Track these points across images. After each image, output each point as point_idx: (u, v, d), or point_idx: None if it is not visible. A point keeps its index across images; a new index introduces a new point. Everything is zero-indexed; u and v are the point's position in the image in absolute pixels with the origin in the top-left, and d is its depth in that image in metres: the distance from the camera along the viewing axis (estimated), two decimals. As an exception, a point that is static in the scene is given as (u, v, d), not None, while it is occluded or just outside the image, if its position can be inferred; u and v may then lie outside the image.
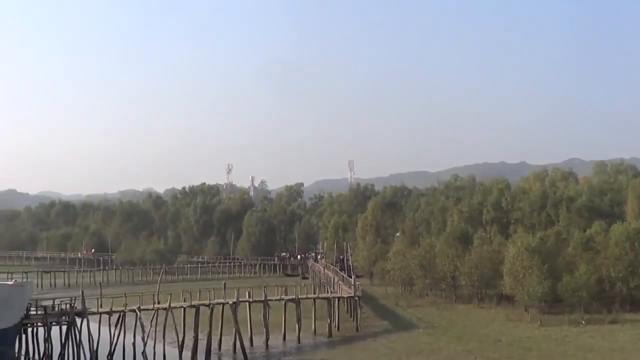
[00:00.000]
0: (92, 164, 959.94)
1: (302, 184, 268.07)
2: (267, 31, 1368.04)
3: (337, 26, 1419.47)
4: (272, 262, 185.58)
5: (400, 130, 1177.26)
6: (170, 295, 70.41)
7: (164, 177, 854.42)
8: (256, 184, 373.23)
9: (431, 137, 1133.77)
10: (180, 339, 67.40)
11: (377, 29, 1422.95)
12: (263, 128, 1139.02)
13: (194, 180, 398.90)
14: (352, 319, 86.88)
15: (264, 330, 74.36)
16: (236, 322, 70.30)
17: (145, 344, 65.08)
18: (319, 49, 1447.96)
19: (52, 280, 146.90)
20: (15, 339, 53.00)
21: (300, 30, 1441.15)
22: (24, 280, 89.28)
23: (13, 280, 56.01)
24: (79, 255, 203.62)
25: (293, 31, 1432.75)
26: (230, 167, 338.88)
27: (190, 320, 69.54)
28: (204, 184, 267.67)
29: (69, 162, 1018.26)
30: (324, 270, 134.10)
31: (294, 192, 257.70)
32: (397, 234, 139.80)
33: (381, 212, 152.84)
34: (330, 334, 79.69)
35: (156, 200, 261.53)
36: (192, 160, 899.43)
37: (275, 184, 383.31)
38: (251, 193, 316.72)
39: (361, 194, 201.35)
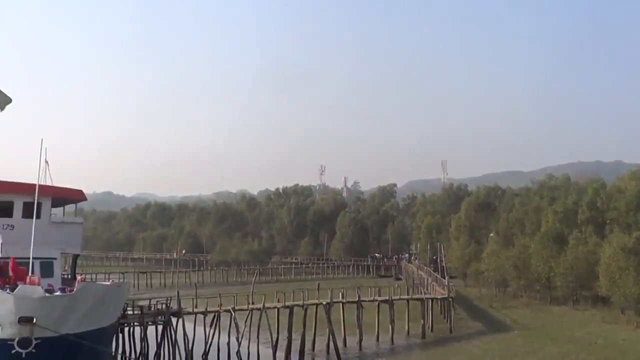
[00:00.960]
0: (187, 166, 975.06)
1: (394, 185, 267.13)
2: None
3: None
4: (365, 263, 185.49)
5: (492, 130, 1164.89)
6: (265, 295, 70.70)
7: (257, 179, 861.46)
8: (349, 185, 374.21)
9: (524, 136, 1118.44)
10: (274, 340, 67.63)
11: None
12: (355, 129, 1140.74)
13: (287, 181, 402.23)
14: (445, 320, 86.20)
15: (357, 331, 74.17)
16: (330, 322, 70.31)
17: (239, 344, 65.57)
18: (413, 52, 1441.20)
19: (149, 281, 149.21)
20: (113, 338, 53.91)
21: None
22: (121, 280, 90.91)
23: (110, 281, 57.12)
24: (174, 256, 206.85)
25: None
26: (323, 168, 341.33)
27: (284, 321, 69.81)
28: (297, 185, 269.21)
29: (165, 164, 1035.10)
30: (417, 271, 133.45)
31: (387, 192, 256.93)
32: (491, 235, 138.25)
33: (474, 212, 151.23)
34: (423, 336, 79.17)
35: (250, 201, 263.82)
36: (285, 161, 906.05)
37: (368, 184, 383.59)
38: (344, 194, 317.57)
39: (454, 194, 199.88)
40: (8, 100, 60.08)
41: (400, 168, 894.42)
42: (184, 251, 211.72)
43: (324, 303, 72.50)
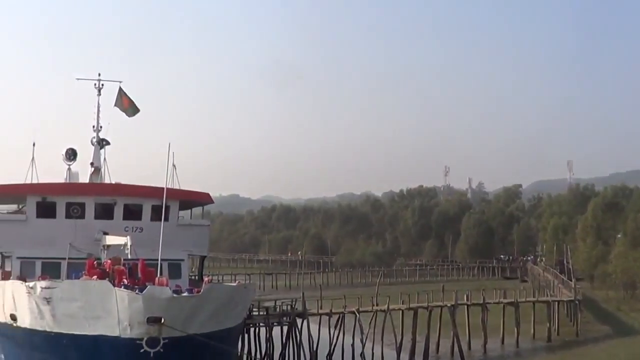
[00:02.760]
0: (312, 169, 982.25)
1: (520, 185, 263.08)
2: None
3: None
4: (490, 265, 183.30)
5: (619, 129, 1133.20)
6: (389, 297, 70.71)
7: (381, 181, 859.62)
8: (473, 186, 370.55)
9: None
10: (398, 342, 67.60)
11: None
12: (479, 129, 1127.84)
13: (411, 182, 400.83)
14: (572, 323, 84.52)
15: (482, 333, 73.61)
16: (454, 325, 69.90)
17: (363, 346, 65.76)
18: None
19: (274, 282, 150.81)
20: (238, 339, 54.85)
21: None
22: (247, 281, 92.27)
23: (237, 282, 58.01)
24: (299, 258, 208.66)
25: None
26: (447, 169, 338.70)
27: (408, 323, 69.71)
28: (421, 186, 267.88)
29: (290, 167, 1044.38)
30: (543, 273, 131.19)
31: (512, 193, 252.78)
32: (619, 236, 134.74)
33: (602, 212, 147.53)
34: (549, 339, 77.87)
35: (374, 203, 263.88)
36: (409, 163, 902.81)
37: (493, 185, 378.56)
38: (469, 195, 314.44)
39: (580, 195, 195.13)
40: (136, 111, 62.02)
41: (526, 168, 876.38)
42: (299, 252, 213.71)
43: (449, 305, 72.09)
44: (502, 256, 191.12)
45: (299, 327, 63.80)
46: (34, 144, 61.92)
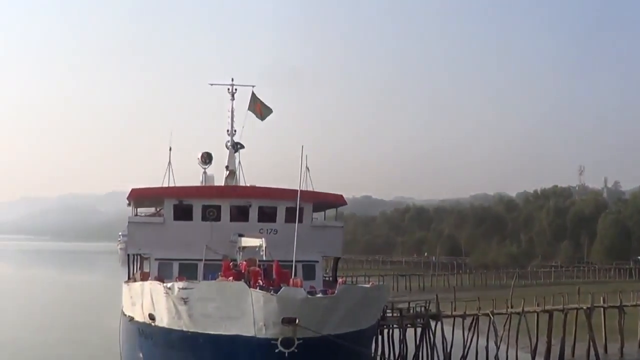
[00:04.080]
0: (444, 169, 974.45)
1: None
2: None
3: None
4: (628, 267, 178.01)
5: None
6: (524, 299, 69.63)
7: (515, 180, 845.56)
8: (609, 185, 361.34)
9: None
10: (533, 344, 66.59)
11: None
12: (612, 126, 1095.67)
13: (544, 182, 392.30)
14: None
15: (619, 337, 71.66)
16: (590, 328, 68.30)
17: (497, 348, 64.96)
18: None
19: (407, 284, 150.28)
20: (372, 340, 54.90)
21: None
22: (381, 283, 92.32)
23: (370, 283, 58.17)
24: (433, 259, 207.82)
25: None
26: (582, 168, 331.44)
27: (543, 326, 68.55)
28: (556, 186, 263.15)
29: (423, 168, 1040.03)
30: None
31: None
32: None
33: None
34: (691, 343, 75.34)
35: (508, 203, 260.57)
36: (542, 162, 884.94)
37: (630, 184, 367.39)
38: (604, 194, 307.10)
39: None
40: (269, 112, 63.00)
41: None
42: (425, 254, 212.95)
43: (585, 308, 70.47)
44: (639, 257, 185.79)
45: (433, 329, 63.58)
46: (170, 149, 63.66)
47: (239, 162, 63.84)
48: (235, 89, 62.37)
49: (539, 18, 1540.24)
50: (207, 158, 63.03)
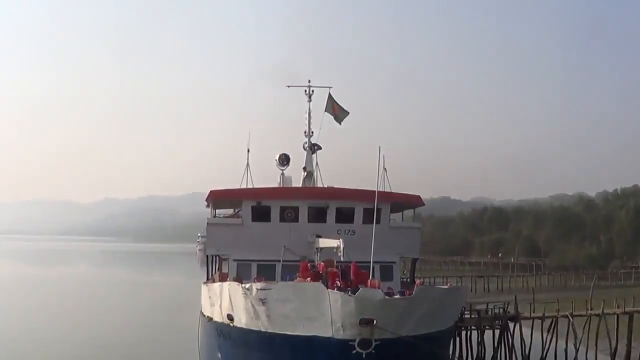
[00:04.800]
0: (521, 169, 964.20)
1: None
2: None
3: None
4: None
5: None
6: (603, 301, 68.43)
7: (594, 180, 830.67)
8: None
9: None
10: (613, 347, 65.47)
11: None
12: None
13: (625, 182, 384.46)
14: None
15: None
16: (671, 331, 67.08)
17: (577, 351, 63.98)
18: None
19: (486, 285, 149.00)
20: (450, 342, 54.73)
21: None
22: (459, 284, 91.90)
23: (448, 284, 57.97)
24: (512, 260, 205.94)
25: None
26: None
27: (623, 328, 67.29)
28: (636, 185, 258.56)
29: (500, 167, 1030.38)
30: None
31: None
32: None
33: None
34: None
35: (588, 203, 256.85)
36: (623, 161, 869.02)
37: None
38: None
39: None
40: (346, 114, 63.26)
41: None
42: (499, 255, 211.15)
43: (667, 309, 69.09)
44: None
45: (511, 330, 63.06)
46: (248, 150, 64.27)
47: (317, 163, 64.30)
48: (312, 90, 62.88)
49: None
50: (284, 159, 63.48)
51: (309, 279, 42.32)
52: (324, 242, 48.74)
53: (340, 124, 63.70)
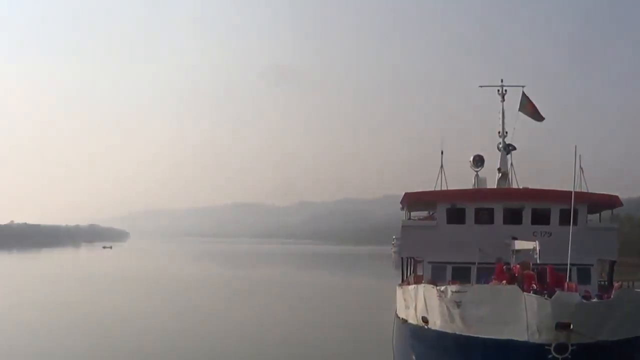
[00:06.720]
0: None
1: None
2: None
3: None
4: None
5: None
6: None
7: None
8: None
9: None
10: None
11: None
12: None
13: None
14: None
15: None
16: None
17: None
18: None
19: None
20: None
21: None
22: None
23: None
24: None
25: None
26: None
27: None
28: None
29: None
30: None
31: None
32: None
33: None
34: None
35: None
36: None
37: None
38: None
39: None
40: (541, 118, 62.44)
41: None
42: None
43: None
44: None
45: None
46: (442, 152, 64.23)
47: (511, 163, 63.55)
48: (505, 90, 62.20)
49: None
50: (478, 161, 63.02)
51: (504, 281, 42.02)
52: (520, 244, 48.12)
53: (540, 121, 62.80)
